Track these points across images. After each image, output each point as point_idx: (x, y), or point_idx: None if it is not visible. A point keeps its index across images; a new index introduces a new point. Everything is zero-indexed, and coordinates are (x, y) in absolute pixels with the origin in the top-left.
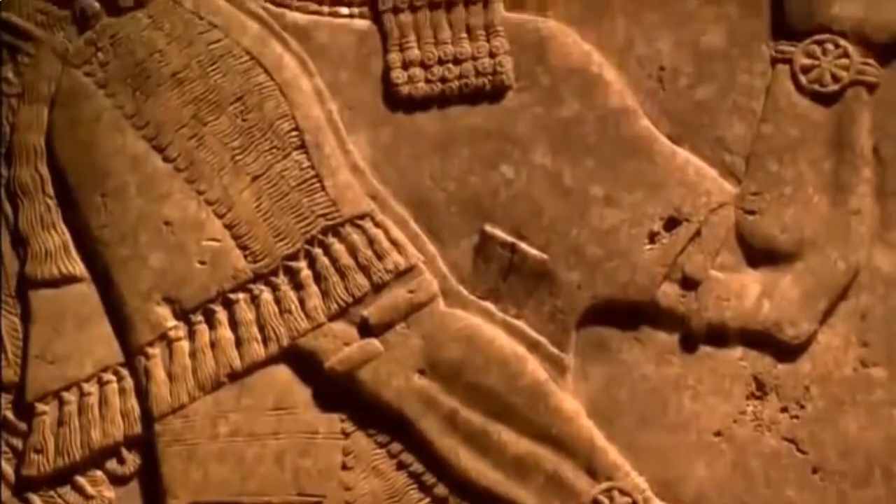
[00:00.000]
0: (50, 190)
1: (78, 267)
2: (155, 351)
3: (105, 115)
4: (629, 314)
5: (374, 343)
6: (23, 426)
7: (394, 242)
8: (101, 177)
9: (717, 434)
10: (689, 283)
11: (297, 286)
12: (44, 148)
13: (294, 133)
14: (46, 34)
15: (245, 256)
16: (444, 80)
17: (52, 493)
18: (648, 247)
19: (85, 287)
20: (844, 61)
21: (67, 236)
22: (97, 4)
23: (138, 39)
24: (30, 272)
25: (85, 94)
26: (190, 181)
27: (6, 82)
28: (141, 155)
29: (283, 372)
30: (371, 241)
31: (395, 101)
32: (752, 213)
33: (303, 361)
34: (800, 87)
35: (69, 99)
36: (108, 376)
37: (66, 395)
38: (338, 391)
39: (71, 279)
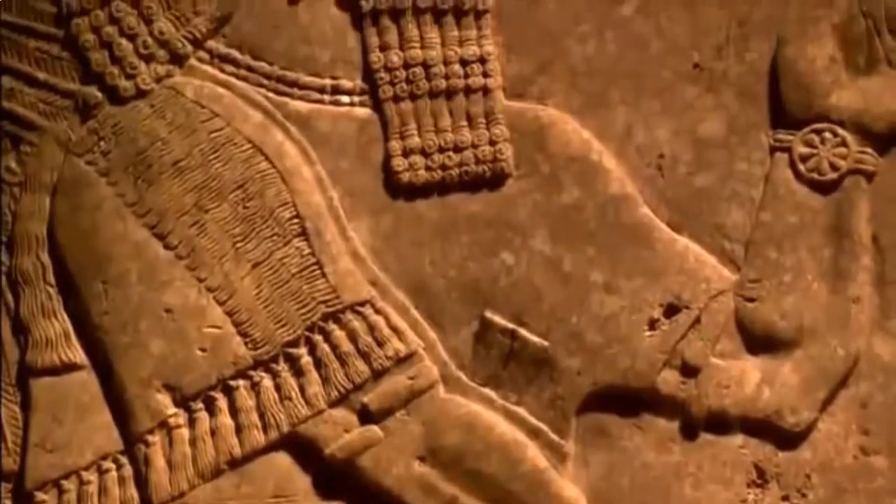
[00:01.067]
0: (51, 278)
1: (78, 355)
2: (155, 439)
3: (106, 204)
4: (629, 401)
5: (375, 430)
6: None
7: (394, 329)
8: (102, 264)
9: None
10: (689, 370)
11: (298, 373)
12: (45, 236)
13: (295, 220)
14: (49, 123)
15: (245, 343)
16: (444, 167)
17: None
18: (648, 333)
19: (85, 375)
20: (843, 150)
21: (68, 324)
22: (99, 94)
23: (140, 128)
24: (30, 360)
25: (87, 183)
26: (191, 268)
27: (8, 171)
28: (142, 242)
29: (283, 459)
30: (371, 328)
31: (396, 188)
32: (751, 300)
33: (303, 448)
34: (798, 176)
35: (71, 187)
36: (108, 464)
37: (65, 483)
38: (338, 478)
39: (71, 367)
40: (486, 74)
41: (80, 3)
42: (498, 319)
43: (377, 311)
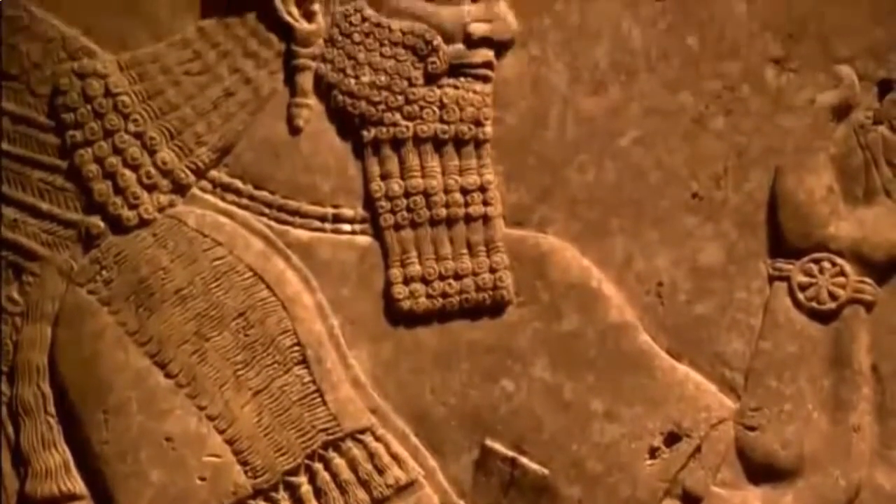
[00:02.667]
0: (51, 408)
1: (78, 485)
2: None
3: (108, 332)
4: None
5: None
6: None
7: (394, 457)
8: (103, 393)
9: None
10: (690, 499)
11: (297, 502)
12: (46, 366)
13: (296, 348)
14: (51, 253)
15: (245, 472)
16: (444, 295)
17: None
18: (649, 462)
19: None
20: (841, 280)
21: (68, 454)
22: (102, 224)
23: (142, 257)
24: (30, 491)
25: (88, 312)
26: (191, 397)
27: (10, 301)
28: (143, 371)
29: None
30: (372, 456)
31: (397, 315)
32: (752, 429)
33: None
34: (798, 305)
35: (72, 317)
36: None
37: None
38: None
39: (71, 497)
40: (486, 203)
41: (84, 134)
42: (498, 447)
43: (377, 439)
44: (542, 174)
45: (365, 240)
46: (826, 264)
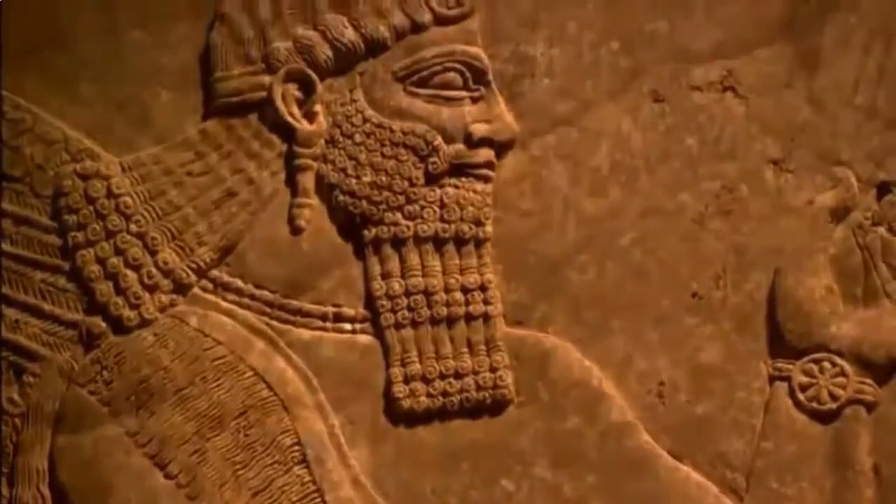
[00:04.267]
0: None
1: None
2: None
3: (108, 433)
4: None
5: None
6: None
7: None
8: (103, 494)
9: None
10: None
11: None
12: (46, 468)
13: (296, 448)
14: (52, 354)
15: None
16: (445, 394)
17: None
18: None
19: None
20: (842, 380)
21: None
22: (103, 324)
23: (143, 357)
24: None
25: (89, 413)
26: (191, 497)
27: (10, 403)
28: (143, 472)
29: None
30: None
31: (397, 415)
32: None
33: None
34: (798, 405)
35: (72, 417)
36: None
37: None
38: None
39: None
40: (486, 302)
41: (86, 235)
42: None
43: None
44: (543, 274)
45: (366, 339)
46: (826, 364)
